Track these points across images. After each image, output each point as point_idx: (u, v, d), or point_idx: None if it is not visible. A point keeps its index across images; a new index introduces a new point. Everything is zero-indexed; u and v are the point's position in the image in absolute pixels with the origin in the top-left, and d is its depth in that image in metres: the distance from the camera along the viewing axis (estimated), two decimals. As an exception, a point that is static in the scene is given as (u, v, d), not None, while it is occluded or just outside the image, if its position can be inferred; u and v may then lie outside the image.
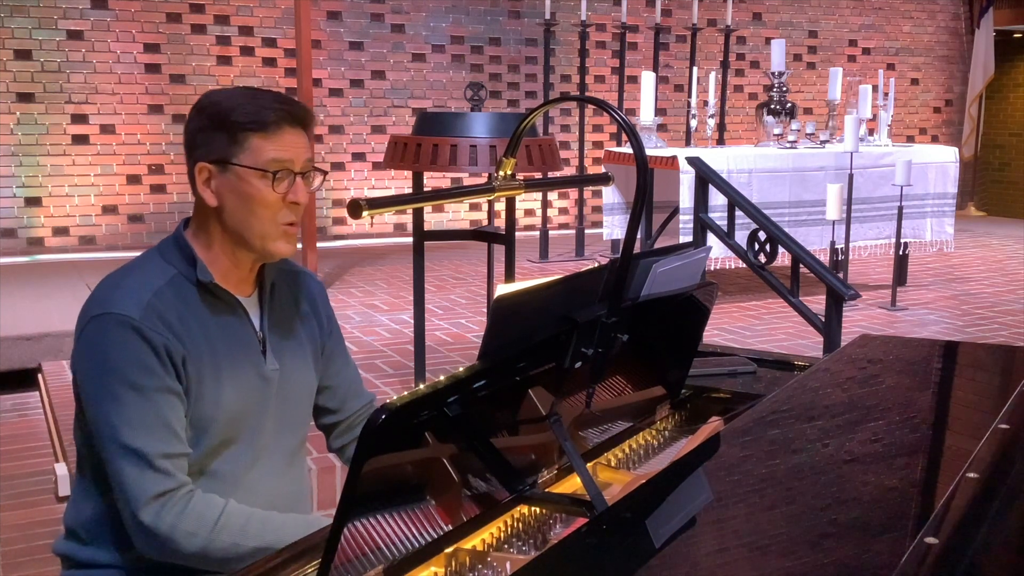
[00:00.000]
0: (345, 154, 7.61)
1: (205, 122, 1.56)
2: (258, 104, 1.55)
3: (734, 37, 8.37)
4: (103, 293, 1.56)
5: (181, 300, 1.56)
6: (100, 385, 1.50)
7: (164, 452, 1.48)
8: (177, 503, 1.48)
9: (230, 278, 1.61)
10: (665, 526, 1.21)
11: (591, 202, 8.23)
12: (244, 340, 1.61)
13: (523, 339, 1.24)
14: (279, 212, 1.56)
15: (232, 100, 1.56)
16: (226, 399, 1.57)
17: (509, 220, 3.50)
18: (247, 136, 1.53)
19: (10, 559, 2.80)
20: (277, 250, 1.59)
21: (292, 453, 1.72)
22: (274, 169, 1.54)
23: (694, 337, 1.76)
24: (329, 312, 1.80)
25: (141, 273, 1.57)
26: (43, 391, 3.99)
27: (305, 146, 1.58)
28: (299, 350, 1.70)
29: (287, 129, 1.55)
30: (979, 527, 1.15)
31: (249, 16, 7.19)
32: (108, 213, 6.88)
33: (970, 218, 9.97)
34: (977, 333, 5.02)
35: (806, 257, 4.33)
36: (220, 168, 1.55)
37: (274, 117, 1.54)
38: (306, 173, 1.59)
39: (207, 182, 1.56)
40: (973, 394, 1.80)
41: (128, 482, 1.47)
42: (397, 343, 4.64)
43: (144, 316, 1.50)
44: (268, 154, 1.54)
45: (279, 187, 1.55)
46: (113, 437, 1.48)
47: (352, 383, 1.83)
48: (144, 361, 1.49)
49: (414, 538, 1.18)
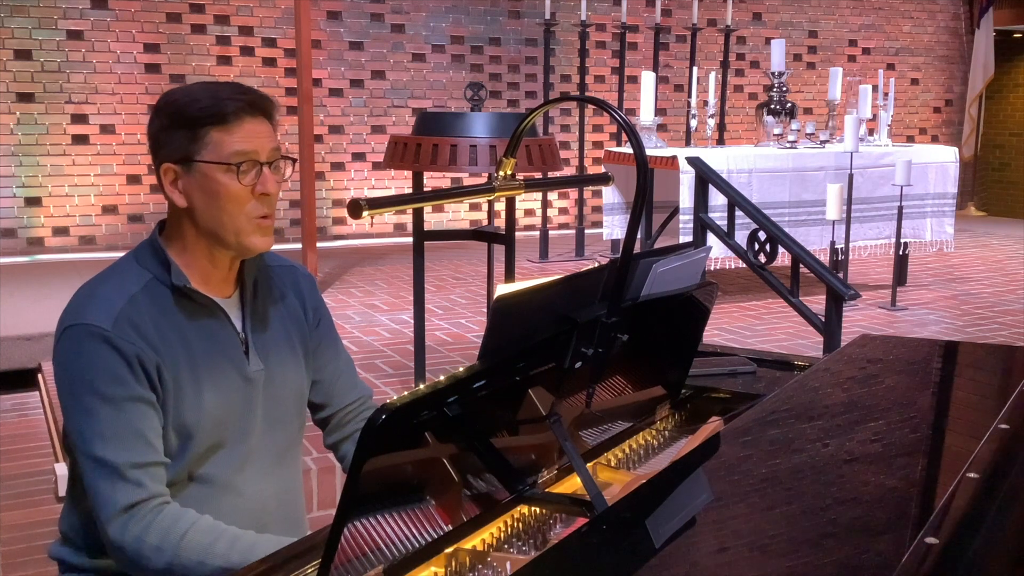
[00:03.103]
0: (345, 154, 7.61)
1: (165, 122, 1.53)
2: (215, 97, 1.51)
3: (734, 37, 8.37)
4: (77, 302, 1.54)
5: (156, 306, 1.53)
6: (72, 397, 1.49)
7: (135, 462, 1.46)
8: (145, 516, 1.45)
9: (209, 279, 1.59)
10: (665, 526, 1.21)
11: (591, 202, 8.23)
12: (224, 342, 1.59)
13: (523, 339, 1.24)
14: (248, 205, 1.53)
15: (188, 96, 1.53)
16: (207, 404, 1.54)
17: (509, 220, 3.50)
18: (207, 131, 1.50)
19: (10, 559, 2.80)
20: (253, 244, 1.56)
21: (282, 453, 1.69)
22: (237, 161, 1.51)
23: (694, 337, 1.76)
24: (317, 303, 1.76)
25: (116, 280, 1.55)
26: (43, 391, 3.99)
27: (268, 135, 1.55)
28: (286, 348, 1.67)
29: (247, 119, 1.52)
30: (979, 527, 1.15)
31: (249, 16, 7.19)
32: (108, 213, 6.88)
33: (970, 218, 9.97)
34: (977, 333, 5.02)
35: (806, 257, 4.33)
36: (184, 167, 1.52)
37: (232, 108, 1.50)
38: (273, 163, 1.55)
39: (174, 183, 1.54)
40: (973, 394, 1.80)
41: (99, 494, 1.46)
42: (397, 343, 4.64)
43: (115, 326, 1.48)
44: (230, 147, 1.50)
45: (245, 179, 1.51)
46: (85, 449, 1.47)
47: (343, 376, 1.79)
48: (115, 372, 1.47)
49: (414, 538, 1.18)
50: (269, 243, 1.59)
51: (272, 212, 1.57)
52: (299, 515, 1.74)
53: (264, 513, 1.64)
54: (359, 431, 1.77)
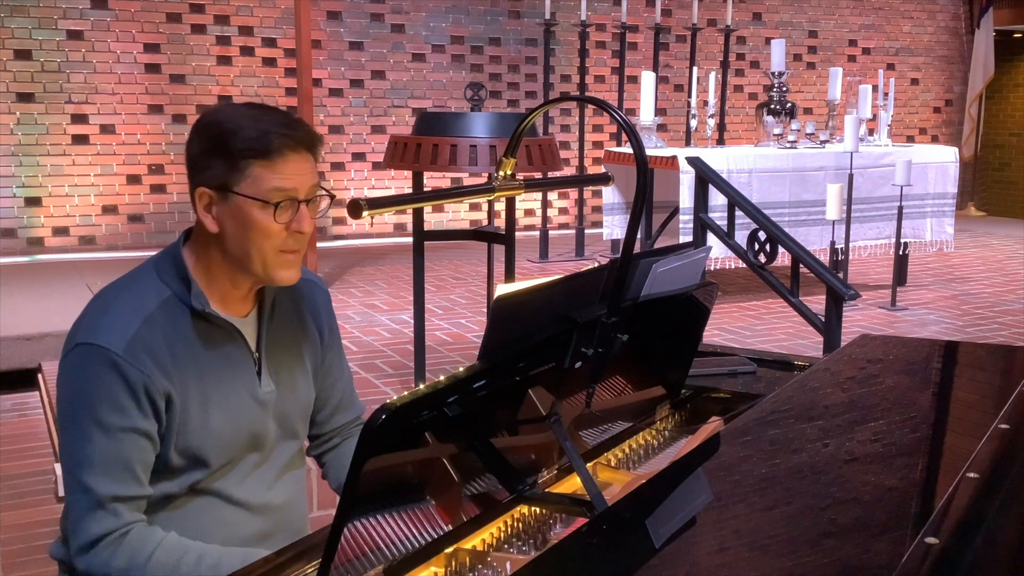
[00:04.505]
0: (345, 154, 7.61)
1: (206, 144, 1.48)
2: (260, 128, 1.46)
3: (734, 37, 8.37)
4: (93, 316, 1.51)
5: (172, 326, 1.50)
6: (71, 417, 1.47)
7: (116, 494, 1.45)
8: (113, 542, 1.44)
9: (228, 300, 1.56)
10: (665, 526, 1.21)
11: (591, 202, 8.23)
12: (237, 364, 1.57)
13: (523, 339, 1.24)
14: (281, 241, 1.49)
15: (234, 122, 1.47)
16: (214, 427, 1.52)
17: (509, 220, 3.50)
18: (248, 163, 1.45)
19: (10, 559, 2.80)
20: (279, 277, 1.52)
21: (288, 465, 1.68)
22: (276, 200, 1.46)
23: (694, 337, 1.76)
24: (332, 323, 1.74)
25: (134, 294, 1.51)
26: (43, 391, 3.99)
27: (310, 171, 1.50)
28: (297, 367, 1.66)
29: (291, 156, 1.46)
30: (979, 527, 1.15)
31: (249, 16, 7.19)
32: (108, 213, 6.87)
33: (970, 218, 9.97)
34: (977, 333, 5.02)
35: (806, 257, 4.33)
36: (221, 195, 1.47)
37: (277, 143, 1.45)
38: (311, 200, 1.51)
39: (208, 207, 1.49)
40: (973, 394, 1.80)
41: (76, 518, 1.46)
42: (397, 343, 4.64)
43: (127, 350, 1.44)
44: (270, 183, 1.46)
45: (281, 217, 1.47)
46: (72, 469, 1.46)
47: (342, 398, 1.77)
48: (118, 400, 1.44)
49: (414, 538, 1.18)
50: (296, 277, 1.54)
51: (302, 248, 1.53)
52: (303, 523, 1.74)
53: (268, 524, 1.63)
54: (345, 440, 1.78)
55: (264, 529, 1.62)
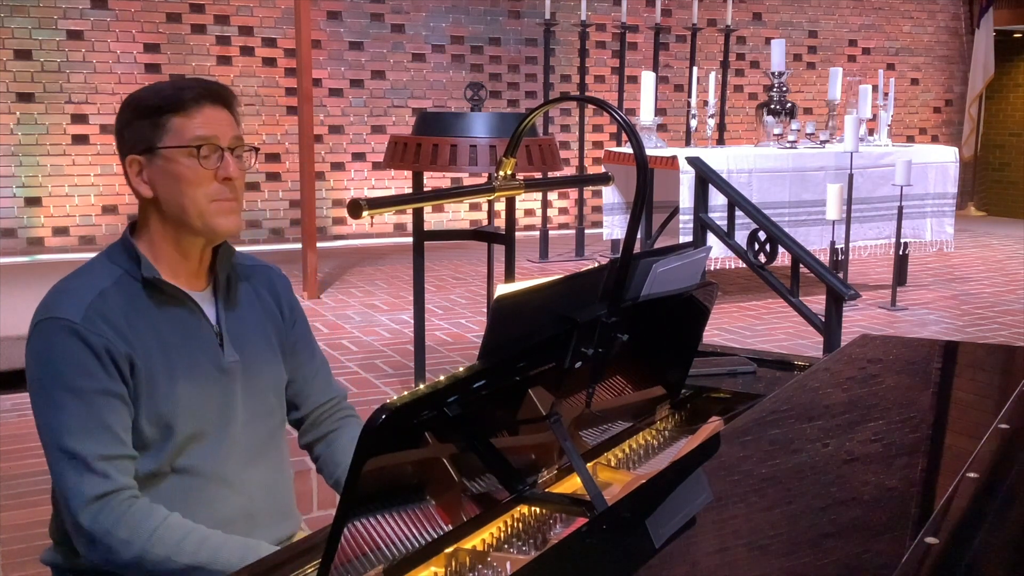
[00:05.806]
0: (345, 154, 7.61)
1: (128, 115, 1.57)
2: (175, 87, 1.56)
3: (734, 37, 8.37)
4: (48, 298, 1.56)
5: (127, 299, 1.55)
6: (42, 391, 1.51)
7: (102, 454, 1.47)
8: (116, 507, 1.46)
9: (179, 272, 1.60)
10: (665, 526, 1.21)
11: (591, 202, 8.23)
12: (198, 334, 1.60)
13: (523, 339, 1.24)
14: (211, 188, 1.55)
15: (150, 90, 1.58)
16: (181, 393, 1.55)
17: (509, 220, 3.50)
18: (168, 118, 1.53)
19: (10, 559, 2.79)
20: (218, 225, 1.57)
21: (265, 443, 1.69)
22: (198, 144, 1.53)
23: (694, 337, 1.76)
24: (292, 304, 1.77)
25: (87, 276, 1.57)
26: (43, 391, 3.98)
27: (229, 123, 1.57)
28: (262, 341, 1.68)
29: (207, 106, 1.55)
30: (979, 527, 1.15)
31: (249, 16, 7.19)
32: (108, 213, 6.88)
33: (970, 218, 9.97)
34: (977, 333, 5.02)
35: (806, 257, 4.33)
36: (148, 156, 1.55)
37: (192, 96, 1.54)
38: (235, 149, 1.57)
39: (139, 174, 1.57)
40: (973, 394, 1.80)
41: (68, 485, 1.47)
42: (397, 343, 4.64)
43: (85, 318, 1.49)
44: (192, 131, 1.53)
45: (207, 163, 1.54)
46: (53, 442, 1.48)
47: (318, 376, 1.80)
48: (84, 364, 1.48)
49: (414, 538, 1.18)
50: (235, 224, 1.59)
51: (236, 197, 1.58)
52: (289, 506, 1.75)
53: (252, 503, 1.64)
54: (333, 432, 1.80)
55: (248, 508, 1.63)
